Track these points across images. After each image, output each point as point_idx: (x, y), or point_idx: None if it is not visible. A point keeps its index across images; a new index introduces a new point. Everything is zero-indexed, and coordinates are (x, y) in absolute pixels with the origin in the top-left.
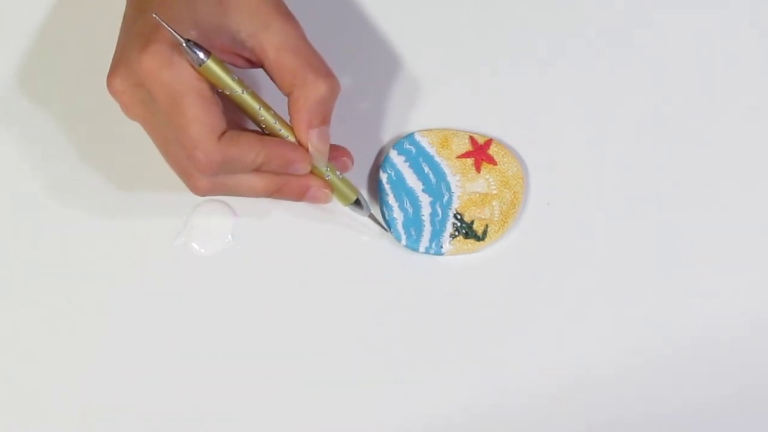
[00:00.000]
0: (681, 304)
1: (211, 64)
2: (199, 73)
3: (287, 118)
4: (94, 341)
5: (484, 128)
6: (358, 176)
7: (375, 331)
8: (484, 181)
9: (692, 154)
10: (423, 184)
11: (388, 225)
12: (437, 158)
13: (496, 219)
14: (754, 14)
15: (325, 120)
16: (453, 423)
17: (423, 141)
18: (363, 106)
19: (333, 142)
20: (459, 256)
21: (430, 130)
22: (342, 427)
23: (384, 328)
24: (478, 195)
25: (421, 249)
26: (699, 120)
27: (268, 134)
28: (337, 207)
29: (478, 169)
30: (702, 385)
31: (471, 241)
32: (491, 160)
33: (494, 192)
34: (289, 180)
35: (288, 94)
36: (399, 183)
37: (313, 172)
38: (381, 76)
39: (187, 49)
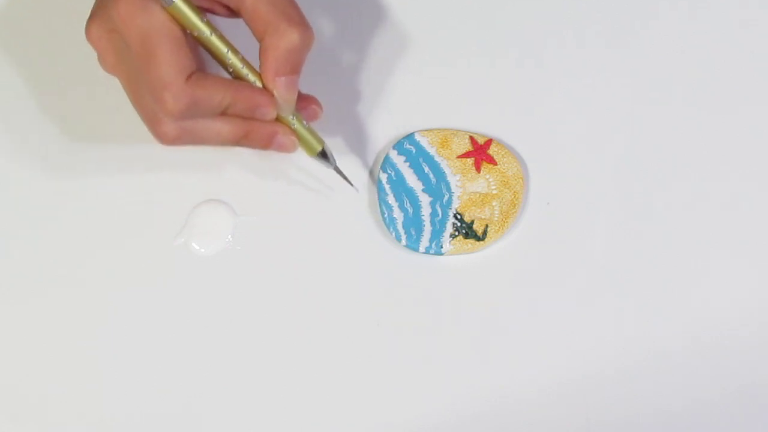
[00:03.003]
0: (681, 304)
1: (179, 4)
2: (169, 15)
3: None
4: (94, 341)
5: (484, 128)
6: (358, 176)
7: (375, 331)
8: (484, 181)
9: (692, 153)
10: (423, 184)
11: (388, 225)
12: (437, 158)
13: (496, 219)
14: (754, 12)
15: (293, 69)
16: (453, 422)
17: (423, 141)
18: (363, 106)
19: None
20: (459, 256)
21: (430, 130)
22: (342, 427)
23: (384, 328)
24: (478, 195)
25: (421, 249)
26: (699, 120)
27: (237, 78)
28: (338, 208)
29: (478, 169)
30: (702, 384)
31: (471, 241)
32: (491, 160)
33: (494, 192)
34: (256, 126)
35: (260, 41)
36: (399, 183)
37: (280, 120)
38: (381, 76)
39: None
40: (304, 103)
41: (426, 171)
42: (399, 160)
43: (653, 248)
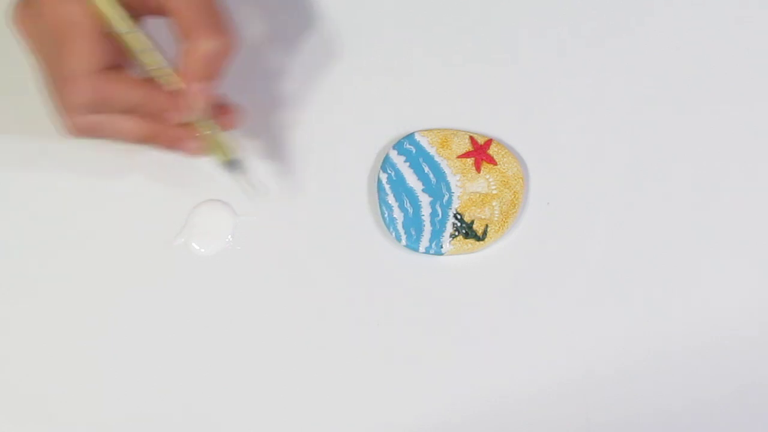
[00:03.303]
0: (681, 304)
1: None
2: (92, 8)
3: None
4: (94, 341)
5: (484, 128)
6: (358, 176)
7: (375, 331)
8: (484, 181)
9: (692, 153)
10: (423, 184)
11: (388, 225)
12: (437, 158)
13: (496, 219)
14: (750, 9)
15: (209, 76)
16: (453, 422)
17: (423, 141)
18: (363, 106)
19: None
20: (459, 256)
21: (430, 130)
22: (342, 427)
23: (384, 328)
24: (478, 195)
25: (421, 249)
26: (700, 120)
27: (151, 79)
28: (338, 208)
29: (478, 169)
30: (702, 384)
31: (471, 241)
32: (491, 160)
33: (494, 192)
34: (164, 128)
35: (182, 44)
36: (399, 183)
37: (192, 124)
38: (381, 76)
39: None
40: (222, 110)
41: (426, 171)
42: (399, 160)
43: (653, 248)
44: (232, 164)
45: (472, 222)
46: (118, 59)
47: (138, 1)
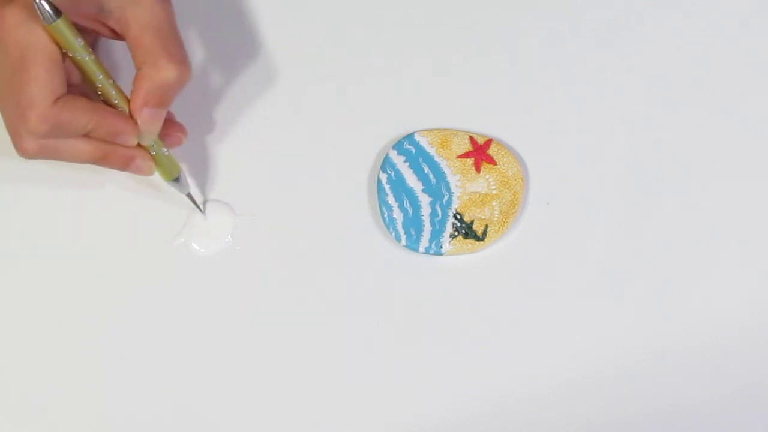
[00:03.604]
0: (681, 304)
1: (59, 24)
2: (49, 34)
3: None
4: (94, 341)
5: (484, 128)
6: (358, 176)
7: (375, 332)
8: (484, 181)
9: (692, 152)
10: (423, 184)
11: (388, 225)
12: (437, 158)
13: (496, 219)
14: (750, 9)
15: (162, 103)
16: (453, 422)
17: (423, 141)
18: (363, 106)
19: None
20: (459, 256)
21: (430, 130)
22: (342, 427)
23: (384, 328)
24: (478, 195)
25: (421, 249)
26: (699, 120)
27: (105, 102)
28: (338, 208)
29: (478, 169)
30: (702, 384)
31: (471, 241)
32: (491, 160)
33: (494, 192)
34: (116, 149)
35: (137, 69)
36: (399, 183)
37: (141, 145)
38: (381, 75)
39: (38, 6)
40: (170, 130)
41: (426, 171)
42: (399, 160)
43: (653, 248)
44: (177, 181)
45: (472, 222)
46: (70, 79)
47: (94, 24)
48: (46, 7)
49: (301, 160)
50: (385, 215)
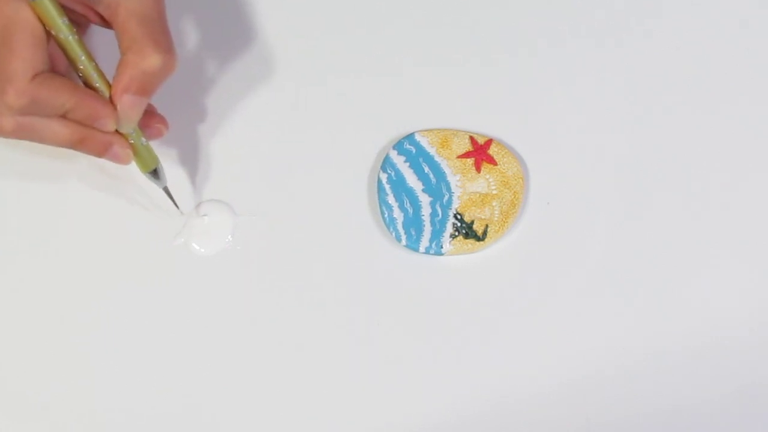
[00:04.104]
0: (680, 304)
1: (45, 1)
2: (34, 11)
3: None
4: (93, 341)
5: (484, 128)
6: (358, 176)
7: (374, 331)
8: (484, 181)
9: (692, 153)
10: (423, 184)
11: (388, 225)
12: (437, 158)
13: (496, 219)
14: (751, 9)
15: (143, 90)
16: (453, 422)
17: (423, 141)
18: (363, 106)
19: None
20: (459, 256)
21: (430, 130)
22: (342, 427)
23: (384, 328)
24: (478, 195)
25: (421, 249)
26: (700, 120)
27: (86, 86)
28: (338, 208)
29: (478, 169)
30: (701, 384)
31: (471, 241)
32: (491, 160)
33: (494, 192)
34: (93, 134)
35: (122, 55)
36: (399, 183)
37: (120, 132)
38: (381, 75)
39: None
40: (151, 121)
41: (426, 171)
42: (399, 160)
43: (653, 248)
44: (155, 174)
45: (472, 222)
46: (56, 62)
47: (84, 9)
48: None
49: (301, 160)
50: (386, 215)
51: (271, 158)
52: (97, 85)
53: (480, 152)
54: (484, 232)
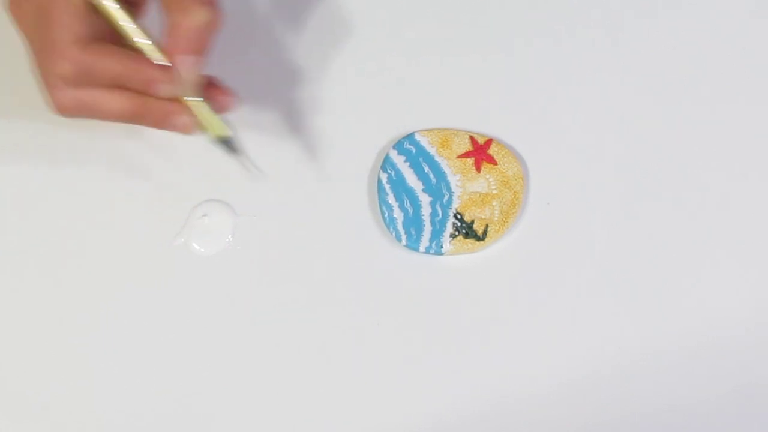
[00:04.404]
0: (680, 304)
1: None
2: None
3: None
4: (93, 341)
5: (484, 128)
6: (358, 176)
7: (375, 331)
8: (485, 181)
9: (692, 153)
10: (423, 184)
11: (388, 225)
12: (437, 158)
13: (496, 219)
14: (752, 10)
15: (197, 49)
16: (453, 422)
17: (423, 141)
18: (363, 106)
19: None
20: (459, 256)
21: (430, 130)
22: (342, 427)
23: (384, 328)
24: (478, 195)
25: (421, 249)
26: (700, 120)
27: (137, 51)
28: (338, 208)
29: (478, 169)
30: (700, 383)
31: (471, 241)
32: (491, 160)
33: (494, 192)
34: (152, 103)
35: (167, 17)
36: (399, 183)
37: (181, 100)
38: (381, 75)
39: None
40: (215, 90)
41: (426, 171)
42: (399, 160)
43: (653, 248)
44: (225, 142)
45: (473, 222)
46: (103, 34)
47: None
48: None
49: (302, 160)
50: (386, 215)
51: (271, 158)
52: (151, 52)
53: (480, 152)
54: (484, 232)
